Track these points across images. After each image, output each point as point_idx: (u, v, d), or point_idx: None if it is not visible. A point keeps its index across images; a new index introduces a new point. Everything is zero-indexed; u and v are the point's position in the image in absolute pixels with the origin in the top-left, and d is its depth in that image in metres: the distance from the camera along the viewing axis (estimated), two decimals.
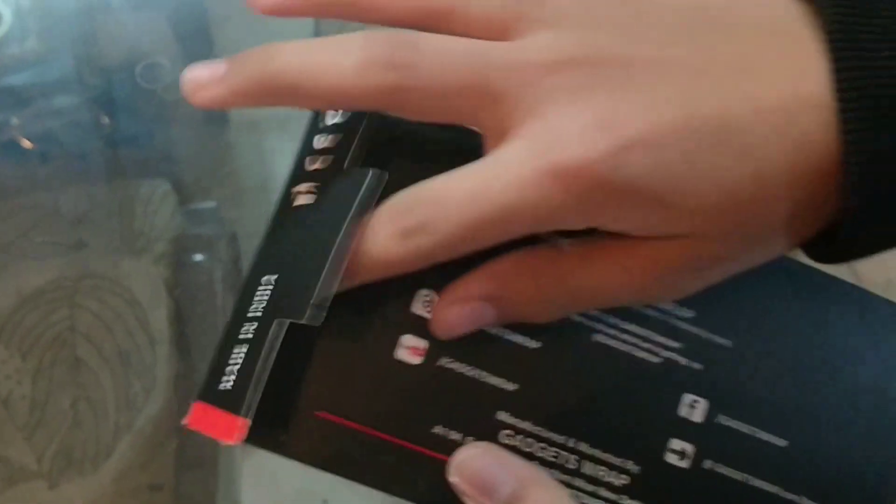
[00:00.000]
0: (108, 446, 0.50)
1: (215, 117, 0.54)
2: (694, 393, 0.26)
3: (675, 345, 0.26)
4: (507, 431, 0.25)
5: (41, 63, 0.44)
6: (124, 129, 0.50)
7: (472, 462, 0.24)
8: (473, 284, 0.24)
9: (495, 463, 0.24)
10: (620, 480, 0.25)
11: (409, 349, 0.25)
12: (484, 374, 0.25)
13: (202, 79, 0.25)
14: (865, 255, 0.24)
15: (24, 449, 0.50)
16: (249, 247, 0.80)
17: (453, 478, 0.24)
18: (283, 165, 0.89)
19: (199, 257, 0.57)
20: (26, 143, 0.50)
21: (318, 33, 0.87)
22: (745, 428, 0.26)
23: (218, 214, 0.59)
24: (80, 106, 0.48)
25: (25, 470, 0.49)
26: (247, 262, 0.80)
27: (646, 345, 0.26)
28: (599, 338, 0.26)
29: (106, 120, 0.50)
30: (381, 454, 0.24)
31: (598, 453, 0.25)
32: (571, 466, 0.25)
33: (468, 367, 0.25)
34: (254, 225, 0.89)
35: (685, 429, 0.25)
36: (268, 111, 0.92)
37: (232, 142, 0.67)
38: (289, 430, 0.24)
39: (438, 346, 0.25)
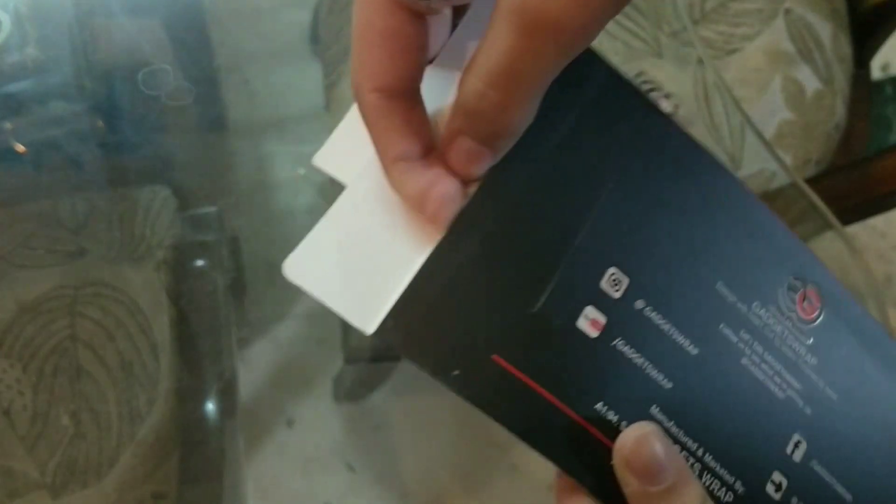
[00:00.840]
0: (112, 456, 0.50)
1: (215, 123, 0.54)
2: (800, 434, 0.28)
3: (798, 386, 0.28)
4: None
5: (41, 70, 0.44)
6: (124, 135, 0.50)
7: (650, 440, 0.25)
8: (445, 132, 0.24)
9: (666, 450, 0.25)
10: (726, 497, 0.27)
11: (590, 321, 0.26)
12: (649, 365, 0.26)
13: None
14: None
15: (26, 460, 0.49)
16: (251, 251, 0.80)
17: (626, 450, 0.25)
18: (282, 170, 0.89)
19: (200, 263, 0.57)
20: (20, 148, 0.49)
21: (314, 36, 0.87)
22: (827, 476, 0.28)
23: (219, 219, 0.59)
24: (80, 113, 0.47)
25: (29, 481, 0.49)
26: (249, 267, 0.79)
27: (777, 379, 0.28)
28: (745, 361, 0.27)
29: (100, 125, 0.50)
30: (541, 412, 0.25)
31: (717, 467, 0.27)
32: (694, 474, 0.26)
33: (637, 355, 0.26)
34: (255, 229, 0.89)
35: (787, 464, 0.27)
36: (267, 116, 0.92)
37: (232, 147, 0.67)
38: (464, 367, 0.25)
39: (615, 325, 0.26)
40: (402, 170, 0.25)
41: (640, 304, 0.26)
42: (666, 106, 0.27)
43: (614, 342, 0.26)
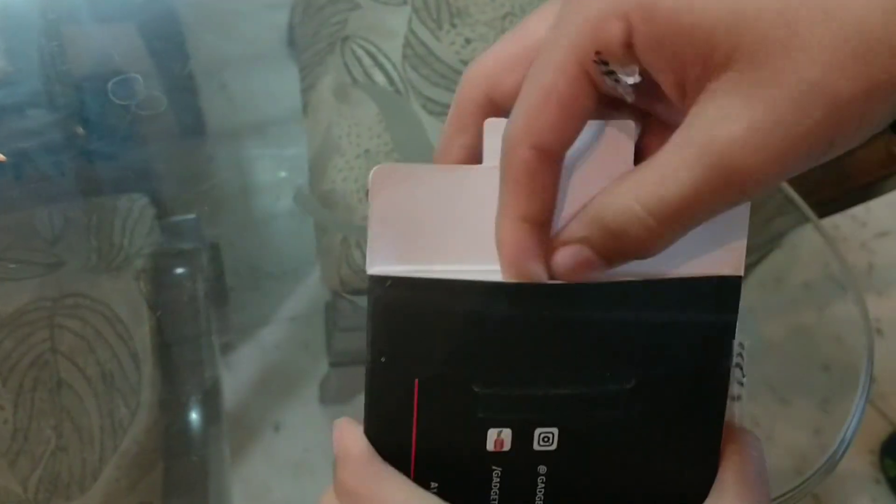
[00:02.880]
0: (95, 469, 0.49)
1: (193, 129, 0.53)
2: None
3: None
4: None
5: (10, 82, 0.43)
6: (98, 144, 0.49)
7: None
8: (571, 228, 0.24)
9: None
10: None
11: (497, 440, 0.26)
12: None
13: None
14: None
15: (7, 475, 0.49)
16: (234, 256, 0.80)
17: None
18: (261, 174, 0.88)
19: (180, 271, 0.57)
20: (0, 157, 0.49)
21: (291, 39, 0.87)
22: None
23: (198, 226, 0.59)
24: (53, 124, 0.47)
25: (11, 497, 0.48)
26: (229, 274, 0.79)
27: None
28: None
29: (81, 131, 0.49)
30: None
31: None
32: None
33: None
34: (235, 235, 0.88)
35: None
36: (246, 121, 0.91)
37: (210, 153, 0.66)
38: (389, 360, 0.25)
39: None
40: (520, 228, 0.24)
41: None
42: None
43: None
